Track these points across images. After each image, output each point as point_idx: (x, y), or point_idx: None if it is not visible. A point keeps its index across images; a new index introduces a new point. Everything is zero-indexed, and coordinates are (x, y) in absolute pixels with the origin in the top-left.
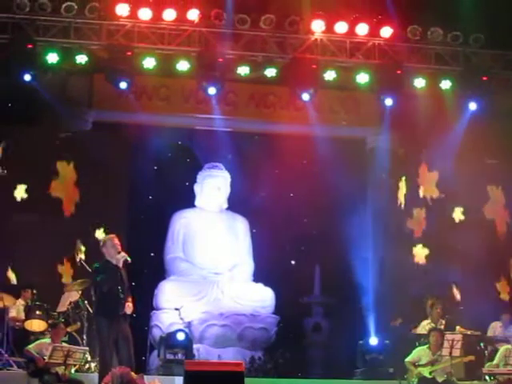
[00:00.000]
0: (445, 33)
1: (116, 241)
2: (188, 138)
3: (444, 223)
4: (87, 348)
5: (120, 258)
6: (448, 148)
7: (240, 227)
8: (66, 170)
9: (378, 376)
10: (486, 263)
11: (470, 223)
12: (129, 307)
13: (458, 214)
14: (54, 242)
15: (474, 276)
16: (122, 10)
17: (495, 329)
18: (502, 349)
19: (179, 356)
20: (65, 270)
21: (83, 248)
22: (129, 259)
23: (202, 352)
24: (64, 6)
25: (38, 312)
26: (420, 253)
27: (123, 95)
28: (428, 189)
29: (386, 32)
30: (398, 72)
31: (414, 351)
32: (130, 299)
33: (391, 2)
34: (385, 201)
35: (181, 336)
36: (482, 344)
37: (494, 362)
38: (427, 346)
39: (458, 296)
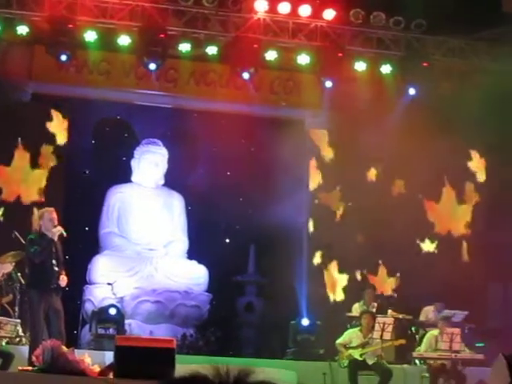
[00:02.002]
0: (387, 17)
1: (54, 215)
2: (127, 113)
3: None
4: (19, 320)
5: (56, 231)
6: (383, 131)
7: (176, 204)
8: None
9: (309, 357)
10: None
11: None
12: (63, 280)
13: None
14: None
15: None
16: None
17: (427, 313)
18: (428, 335)
19: (111, 331)
20: None
21: None
22: (64, 233)
23: (134, 327)
24: None
25: None
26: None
27: (63, 68)
28: None
29: (329, 14)
30: (339, 55)
31: (346, 333)
32: (63, 272)
33: None
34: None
35: (113, 311)
36: (413, 328)
37: (421, 348)
38: (359, 328)
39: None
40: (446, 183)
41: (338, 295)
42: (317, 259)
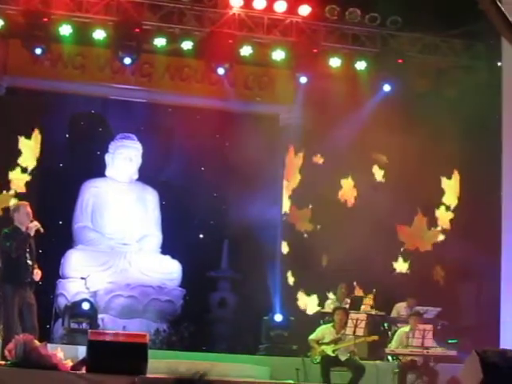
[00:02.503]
0: (363, 14)
1: (29, 208)
2: (102, 107)
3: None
4: None
5: (33, 226)
6: (357, 127)
7: (150, 199)
8: None
9: (282, 352)
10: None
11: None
12: (37, 274)
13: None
14: None
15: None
16: None
17: (399, 310)
18: (399, 331)
19: (83, 325)
20: None
21: None
22: (41, 229)
23: (107, 322)
24: None
25: None
26: None
27: (38, 62)
28: None
29: (304, 10)
30: (314, 51)
31: (318, 329)
32: (36, 266)
33: None
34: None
35: (86, 305)
36: (385, 324)
37: (392, 345)
38: (331, 324)
39: None
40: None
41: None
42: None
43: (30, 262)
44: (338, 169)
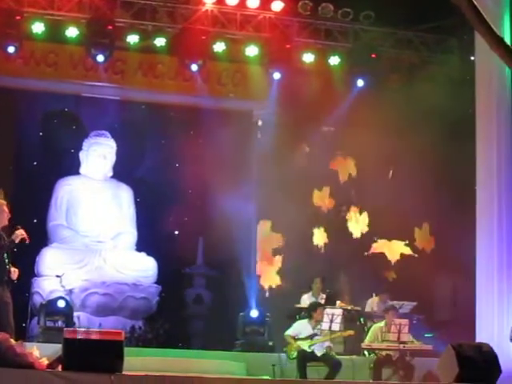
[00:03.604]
0: (335, 9)
1: (6, 208)
2: (75, 105)
3: None
4: None
5: (19, 234)
6: (331, 123)
7: (124, 196)
8: None
9: (258, 348)
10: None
11: None
12: (14, 273)
13: None
14: None
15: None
16: None
17: (372, 305)
18: (373, 327)
19: (59, 323)
20: None
21: None
22: (27, 240)
23: (83, 320)
24: None
25: None
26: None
27: (11, 59)
28: None
29: (277, 6)
30: (287, 46)
31: (295, 324)
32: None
33: None
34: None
35: (61, 303)
36: (361, 319)
37: (366, 340)
38: (307, 319)
39: None
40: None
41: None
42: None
43: (7, 260)
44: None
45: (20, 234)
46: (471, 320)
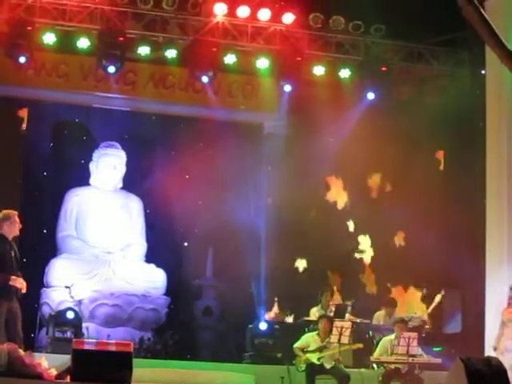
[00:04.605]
0: (346, 22)
1: (17, 219)
2: (85, 115)
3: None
4: None
5: (18, 285)
6: (342, 135)
7: (134, 207)
8: None
9: (267, 360)
10: None
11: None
12: (21, 284)
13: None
14: None
15: None
16: None
17: (379, 318)
18: (384, 339)
19: (68, 334)
20: None
21: None
22: (23, 290)
23: (92, 331)
24: None
25: None
26: None
27: (22, 70)
28: None
29: (288, 18)
30: (298, 59)
31: (303, 337)
32: (20, 276)
33: None
34: (280, 187)
35: (70, 314)
36: (370, 332)
37: (376, 353)
38: (316, 332)
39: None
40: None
41: None
42: None
43: (13, 271)
44: (322, 177)
45: (19, 282)
46: (480, 333)
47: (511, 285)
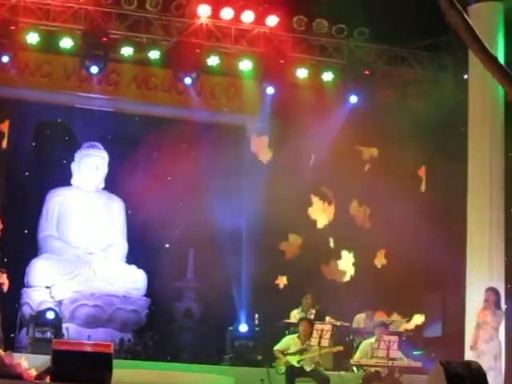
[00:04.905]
0: (330, 25)
1: None
2: (68, 116)
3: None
4: None
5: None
6: (324, 138)
7: (115, 208)
8: None
9: (247, 363)
10: None
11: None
12: (4, 284)
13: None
14: None
15: None
16: None
17: (359, 321)
18: (364, 343)
19: (48, 335)
20: None
21: None
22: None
23: (72, 331)
24: None
25: None
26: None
27: (5, 69)
28: None
29: (272, 21)
30: (281, 61)
31: (284, 340)
32: (3, 276)
33: None
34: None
35: (50, 315)
36: (350, 335)
37: (356, 356)
38: (297, 335)
39: None
40: None
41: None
42: None
43: None
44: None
45: (2, 279)
46: (460, 337)
47: (487, 287)
